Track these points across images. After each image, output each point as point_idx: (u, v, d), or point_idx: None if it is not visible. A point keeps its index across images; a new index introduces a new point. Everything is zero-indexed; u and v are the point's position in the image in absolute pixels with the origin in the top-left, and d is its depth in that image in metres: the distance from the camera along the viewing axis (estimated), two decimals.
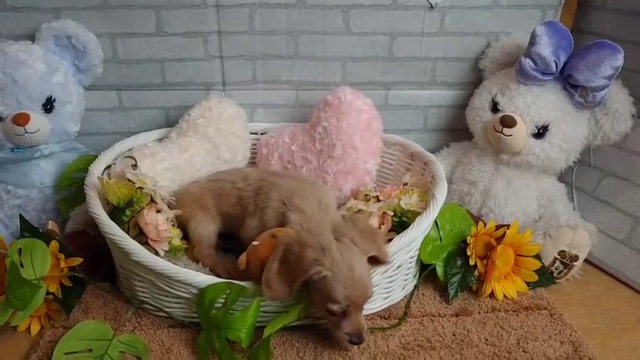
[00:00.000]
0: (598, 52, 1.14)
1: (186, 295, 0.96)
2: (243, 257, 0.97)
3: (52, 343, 0.94)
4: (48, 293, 0.96)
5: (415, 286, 1.11)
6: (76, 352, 0.92)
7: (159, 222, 1.01)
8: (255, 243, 0.96)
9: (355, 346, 0.95)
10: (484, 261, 1.08)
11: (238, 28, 1.29)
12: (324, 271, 0.86)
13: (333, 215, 1.03)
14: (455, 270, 1.09)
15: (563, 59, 1.18)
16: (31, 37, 1.21)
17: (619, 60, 1.12)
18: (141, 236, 1.02)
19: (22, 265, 0.92)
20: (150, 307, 1.02)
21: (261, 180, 1.12)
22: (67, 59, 1.23)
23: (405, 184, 1.18)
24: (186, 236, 1.14)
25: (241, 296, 0.91)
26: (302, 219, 0.98)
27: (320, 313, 0.92)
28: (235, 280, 0.94)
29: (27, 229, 1.01)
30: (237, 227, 1.12)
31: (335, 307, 0.88)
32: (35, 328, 0.99)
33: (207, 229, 1.13)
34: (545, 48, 1.17)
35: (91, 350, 0.92)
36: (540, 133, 1.21)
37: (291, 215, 0.99)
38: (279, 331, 0.94)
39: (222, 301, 0.92)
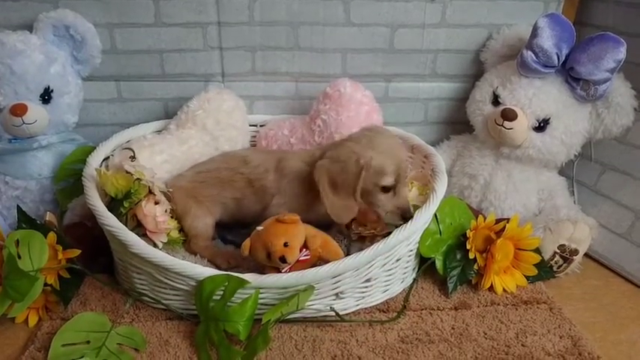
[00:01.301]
0: (600, 44, 1.13)
1: (184, 288, 0.95)
2: (246, 242, 0.97)
3: (49, 335, 0.94)
4: (46, 285, 0.96)
5: (414, 280, 1.10)
6: (74, 344, 0.91)
7: (157, 213, 1.01)
8: (259, 228, 0.97)
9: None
10: (484, 255, 1.08)
11: (238, 18, 1.28)
12: (369, 159, 0.97)
13: None
14: (454, 263, 1.08)
15: (565, 52, 1.17)
16: (29, 27, 1.20)
17: (622, 53, 1.11)
18: (139, 228, 1.02)
19: (19, 257, 0.92)
20: (148, 300, 1.02)
21: (269, 159, 1.12)
22: (65, 49, 1.22)
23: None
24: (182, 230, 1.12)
25: (240, 288, 0.91)
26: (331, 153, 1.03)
27: (371, 200, 1.02)
28: (235, 269, 0.94)
29: (25, 220, 1.01)
30: (249, 210, 1.12)
31: (389, 180, 0.99)
32: (33, 320, 0.99)
33: (204, 222, 1.12)
34: (547, 40, 1.16)
35: (88, 342, 0.92)
36: (541, 126, 1.20)
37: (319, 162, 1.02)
38: (278, 324, 0.94)
39: (221, 293, 0.91)
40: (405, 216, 1.00)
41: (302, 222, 0.98)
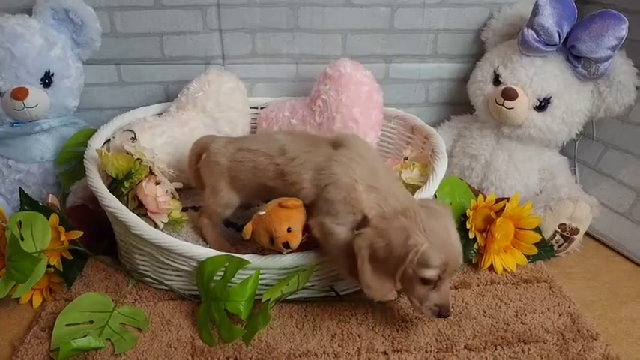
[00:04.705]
0: (602, 22, 1.11)
1: (185, 268, 0.96)
2: (248, 226, 0.97)
3: (53, 315, 0.95)
4: (49, 266, 0.97)
5: None
6: (78, 324, 0.93)
7: (158, 194, 1.01)
8: (261, 213, 0.95)
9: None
10: (484, 234, 1.08)
11: (237, 0, 1.27)
12: (421, 246, 0.82)
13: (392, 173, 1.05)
14: None
15: (566, 30, 1.16)
16: (28, 11, 1.20)
17: (623, 30, 1.10)
18: (140, 209, 1.02)
19: (22, 238, 0.93)
20: (150, 280, 1.03)
21: (308, 160, 0.96)
22: (65, 33, 1.22)
23: (406, 159, 1.18)
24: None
25: (240, 269, 0.92)
26: (377, 198, 0.89)
27: (407, 286, 0.88)
28: None
29: (27, 202, 1.02)
30: (274, 197, 1.03)
31: (431, 274, 0.84)
32: (37, 301, 1.00)
33: (222, 208, 1.07)
34: (548, 18, 1.15)
35: (92, 322, 0.93)
36: (542, 105, 1.19)
37: (364, 196, 0.89)
38: (278, 304, 0.95)
39: (222, 273, 0.92)
40: (442, 314, 0.87)
41: None
